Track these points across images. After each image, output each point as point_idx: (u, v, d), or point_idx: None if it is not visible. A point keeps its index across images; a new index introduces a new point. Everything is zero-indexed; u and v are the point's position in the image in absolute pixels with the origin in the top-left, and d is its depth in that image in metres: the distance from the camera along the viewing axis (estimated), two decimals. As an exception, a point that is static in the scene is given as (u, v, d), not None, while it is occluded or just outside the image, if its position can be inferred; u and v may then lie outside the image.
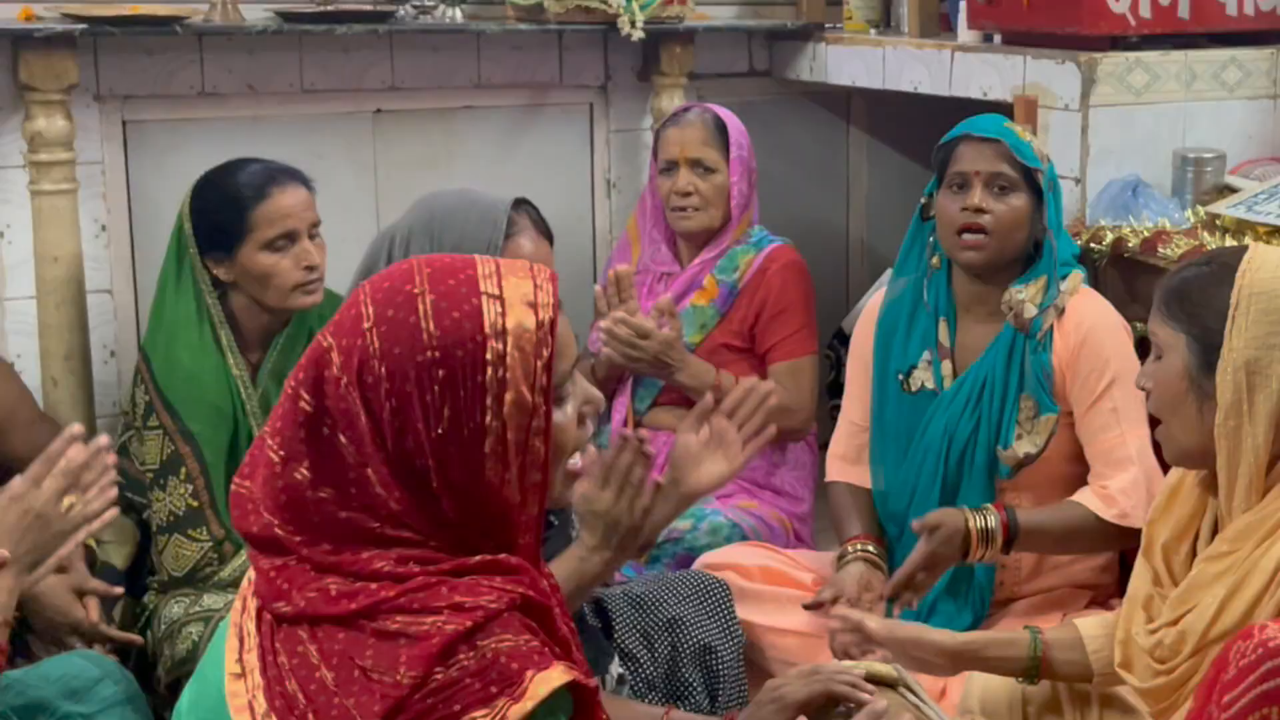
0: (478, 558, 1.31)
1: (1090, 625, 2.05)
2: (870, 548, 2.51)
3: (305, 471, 1.30)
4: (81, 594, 2.37)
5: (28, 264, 2.98)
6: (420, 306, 1.30)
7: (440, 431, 1.28)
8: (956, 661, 2.05)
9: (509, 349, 1.29)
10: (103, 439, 1.95)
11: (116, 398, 3.12)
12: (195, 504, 2.54)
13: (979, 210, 2.41)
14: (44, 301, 2.96)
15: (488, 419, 1.28)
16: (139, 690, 2.18)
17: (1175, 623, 1.81)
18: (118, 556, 2.63)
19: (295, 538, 1.32)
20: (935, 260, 2.53)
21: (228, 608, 2.45)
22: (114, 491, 1.97)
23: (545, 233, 2.02)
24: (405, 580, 1.29)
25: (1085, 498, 2.40)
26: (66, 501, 1.90)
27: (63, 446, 1.91)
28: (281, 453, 1.31)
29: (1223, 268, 1.80)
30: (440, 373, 1.28)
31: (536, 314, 1.31)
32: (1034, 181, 2.43)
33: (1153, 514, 1.94)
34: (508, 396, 1.29)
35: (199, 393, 2.57)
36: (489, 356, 1.28)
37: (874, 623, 2.06)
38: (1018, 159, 2.41)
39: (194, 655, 2.42)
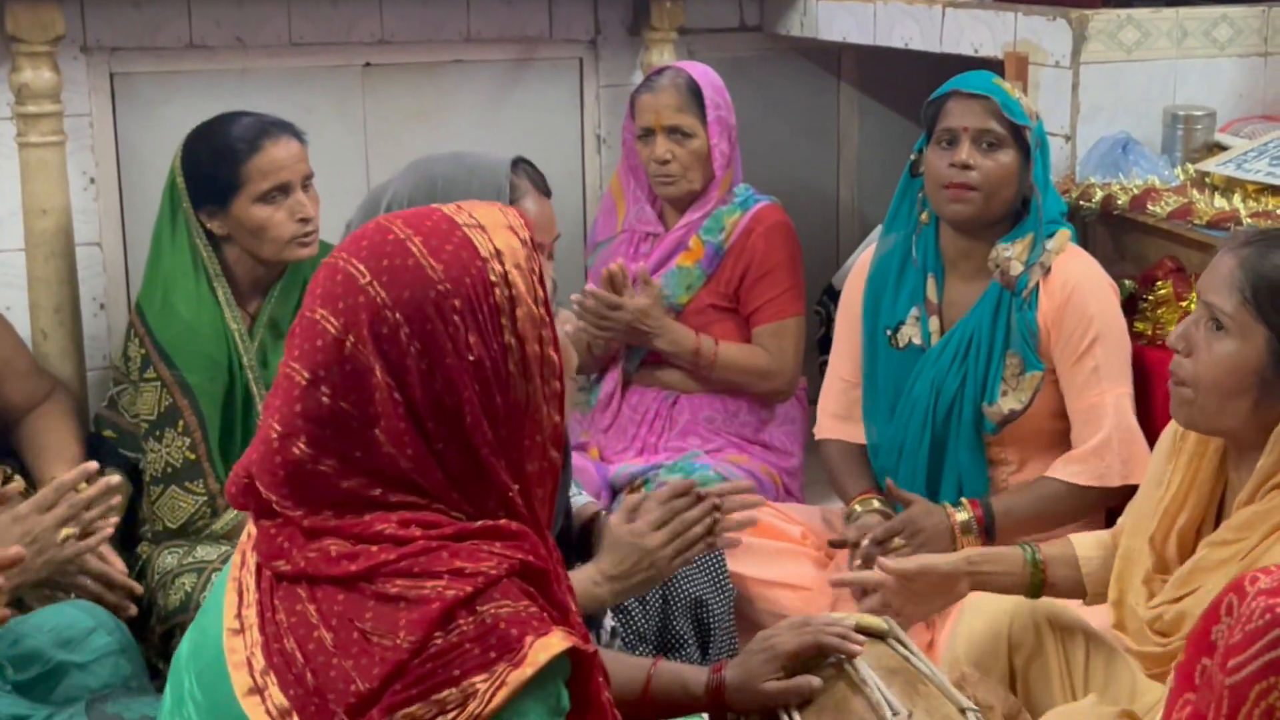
0: (479, 523, 1.31)
1: (1086, 545, 2.06)
2: (876, 503, 2.53)
3: (304, 446, 1.30)
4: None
5: (16, 217, 2.97)
6: (413, 249, 1.32)
7: (472, 359, 1.30)
8: (966, 580, 2.06)
9: (508, 267, 1.32)
10: (114, 479, 1.99)
11: (106, 350, 3.12)
12: (192, 456, 2.55)
13: (966, 166, 2.42)
14: (33, 254, 2.95)
15: (506, 337, 1.31)
16: (132, 640, 2.20)
17: (1177, 601, 1.81)
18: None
19: (295, 511, 1.32)
20: (925, 216, 2.54)
21: (221, 559, 2.48)
22: (110, 530, 2.02)
23: (545, 190, 2.02)
24: (406, 543, 1.29)
25: (1056, 471, 2.43)
26: (64, 533, 1.93)
27: (76, 478, 1.96)
28: (279, 429, 1.31)
29: None
30: (456, 302, 1.30)
31: (516, 234, 1.35)
32: (1022, 138, 2.44)
33: (1166, 502, 1.90)
34: (519, 312, 1.32)
35: (196, 345, 2.57)
36: (493, 278, 1.31)
37: (886, 562, 2.06)
38: (1006, 116, 2.42)
39: (187, 606, 2.43)
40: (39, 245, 2.94)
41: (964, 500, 2.45)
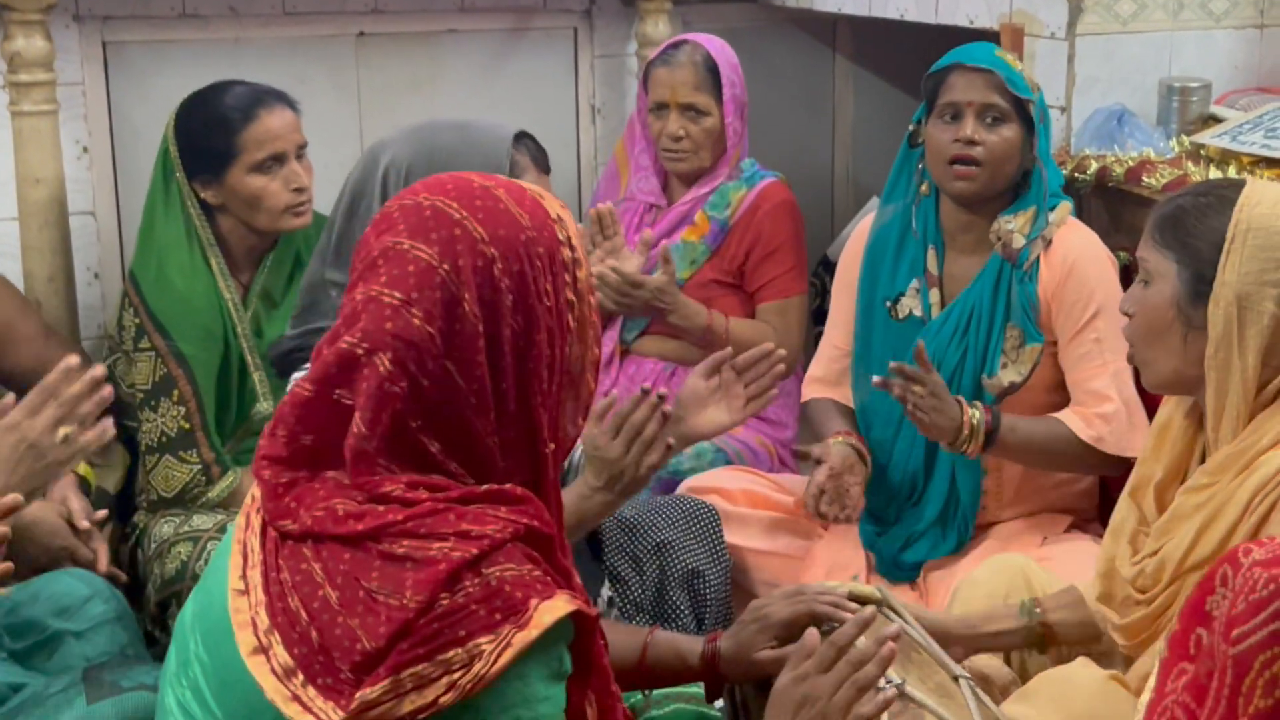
0: (485, 488, 1.33)
1: (1088, 585, 2.05)
2: (854, 441, 2.53)
3: (388, 364, 1.32)
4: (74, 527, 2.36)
5: (9, 186, 2.96)
6: (500, 196, 1.38)
7: (547, 304, 1.36)
8: (964, 645, 2.03)
9: (570, 233, 1.40)
10: (98, 369, 1.96)
11: (100, 320, 3.12)
12: (187, 426, 2.55)
13: (971, 142, 2.40)
14: (26, 223, 2.94)
15: (569, 294, 1.39)
16: (128, 608, 2.20)
17: (1156, 553, 1.83)
18: (109, 481, 2.64)
19: (371, 441, 1.32)
20: (924, 188, 2.53)
21: (216, 528, 2.49)
22: (109, 422, 1.98)
23: (545, 167, 2.01)
24: (413, 505, 1.30)
25: (1067, 417, 2.43)
26: (61, 431, 1.92)
27: (59, 378, 1.93)
28: (366, 345, 1.33)
29: (1220, 200, 1.80)
30: (540, 249, 1.37)
31: (566, 210, 1.43)
32: (1025, 112, 2.42)
33: (1144, 454, 1.94)
34: (580, 274, 1.40)
35: (191, 314, 2.57)
36: (561, 237, 1.39)
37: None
38: (1010, 90, 2.40)
39: (183, 574, 2.44)
40: (33, 214, 2.93)
41: (979, 403, 2.42)
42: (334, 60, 3.33)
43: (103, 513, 2.40)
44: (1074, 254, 2.44)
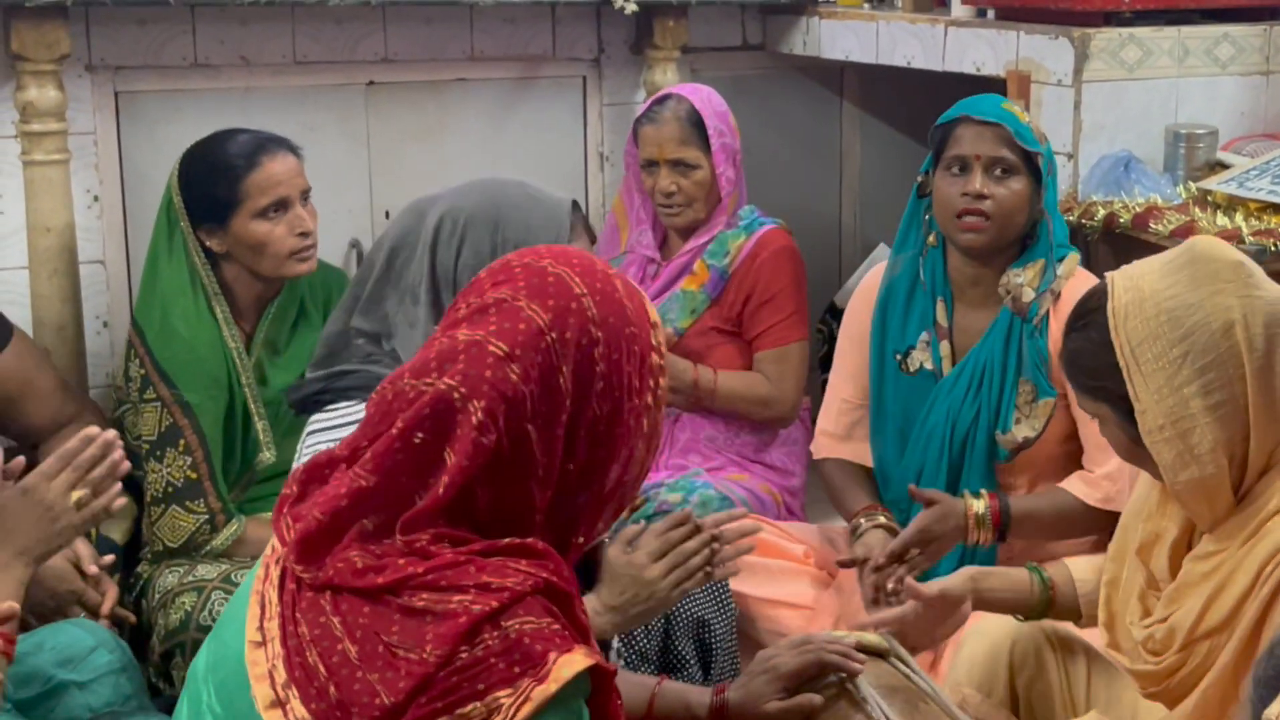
0: (506, 540, 1.33)
1: (1081, 568, 2.06)
2: (882, 517, 2.51)
3: (481, 414, 1.32)
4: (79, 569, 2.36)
5: (20, 234, 2.98)
6: (618, 285, 1.40)
7: (634, 402, 1.37)
8: (970, 601, 2.04)
9: (660, 341, 1.43)
10: (110, 434, 1.98)
11: (109, 368, 3.12)
12: (194, 475, 2.54)
13: (980, 195, 2.39)
14: (36, 272, 2.96)
15: (649, 398, 1.39)
16: (133, 659, 2.19)
17: (1165, 619, 1.80)
18: (116, 532, 2.63)
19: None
20: (932, 239, 2.52)
21: (221, 578, 2.48)
22: (118, 487, 2.00)
23: (593, 236, 2.03)
24: (434, 557, 1.30)
25: (1071, 485, 2.41)
26: (75, 495, 1.93)
27: (79, 446, 1.95)
28: (463, 390, 1.33)
29: (1095, 324, 1.74)
30: (637, 347, 1.39)
31: (659, 320, 1.46)
32: (1033, 164, 2.41)
33: (1149, 510, 1.90)
34: (662, 382, 1.41)
35: (196, 363, 2.57)
36: (654, 342, 1.41)
37: (914, 586, 2.05)
38: (1018, 143, 2.40)
39: (187, 625, 2.43)
40: (43, 263, 2.95)
41: (983, 492, 2.42)
42: (344, 109, 3.35)
43: (110, 558, 2.40)
44: None
